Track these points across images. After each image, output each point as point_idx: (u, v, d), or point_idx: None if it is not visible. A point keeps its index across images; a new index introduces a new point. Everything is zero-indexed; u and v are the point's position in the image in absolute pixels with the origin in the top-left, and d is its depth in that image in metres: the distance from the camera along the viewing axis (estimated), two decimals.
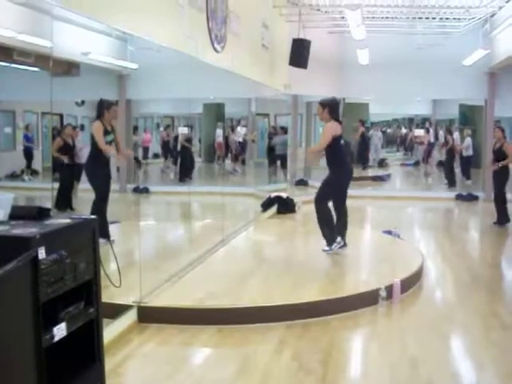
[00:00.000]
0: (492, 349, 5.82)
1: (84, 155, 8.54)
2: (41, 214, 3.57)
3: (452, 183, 18.73)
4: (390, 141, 30.46)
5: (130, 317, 6.10)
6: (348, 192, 8.83)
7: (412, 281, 7.78)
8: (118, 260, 4.57)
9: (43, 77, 5.56)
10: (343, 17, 13.82)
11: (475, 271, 9.01)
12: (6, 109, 9.36)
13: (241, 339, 5.95)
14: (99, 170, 7.93)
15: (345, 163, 8.78)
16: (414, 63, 16.62)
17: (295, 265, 8.28)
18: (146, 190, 11.93)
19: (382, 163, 24.57)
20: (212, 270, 8.00)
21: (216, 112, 16.62)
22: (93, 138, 7.93)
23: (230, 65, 9.81)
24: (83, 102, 10.03)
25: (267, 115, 19.01)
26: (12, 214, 3.52)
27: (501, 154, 12.31)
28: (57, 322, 3.27)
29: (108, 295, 4.41)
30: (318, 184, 8.78)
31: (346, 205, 8.81)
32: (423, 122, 25.85)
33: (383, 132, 27.63)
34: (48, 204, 5.67)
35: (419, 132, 23.88)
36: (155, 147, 16.38)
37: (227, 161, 17.28)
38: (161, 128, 16.96)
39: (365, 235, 11.30)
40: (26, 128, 9.57)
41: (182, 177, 14.97)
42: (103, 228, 6.60)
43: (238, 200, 14.05)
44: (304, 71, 13.90)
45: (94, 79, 8.51)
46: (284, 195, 13.98)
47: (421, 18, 15.32)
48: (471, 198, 16.87)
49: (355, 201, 8.76)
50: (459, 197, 17.11)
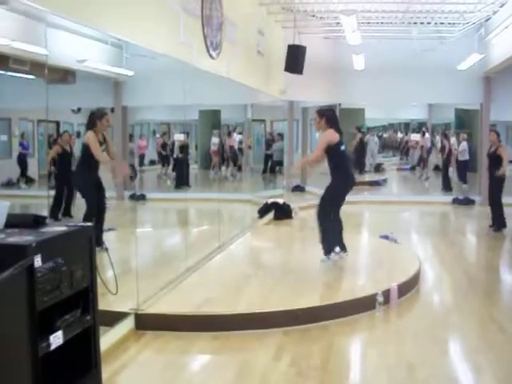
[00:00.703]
0: (489, 352, 5.82)
1: None
2: (37, 222, 3.56)
3: (447, 188, 18.73)
4: (387, 146, 30.49)
5: (127, 324, 6.09)
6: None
7: (409, 285, 7.77)
8: (115, 267, 4.57)
9: (39, 84, 5.55)
10: (338, 22, 13.85)
11: (472, 275, 9.01)
12: (2, 116, 9.37)
13: (238, 346, 5.94)
14: (89, 181, 7.89)
15: (347, 172, 8.64)
16: (410, 68, 16.65)
17: (292, 271, 8.27)
18: (143, 197, 11.93)
19: (379, 168, 24.58)
20: (209, 277, 7.99)
21: (212, 118, 16.64)
22: (85, 149, 7.82)
23: (226, 71, 9.82)
24: (79, 110, 10.03)
25: (263, 121, 19.04)
26: (8, 222, 3.52)
27: (495, 158, 12.32)
28: (53, 330, 3.27)
29: (105, 303, 4.41)
30: (315, 190, 8.75)
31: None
32: (419, 127, 25.88)
33: (379, 137, 27.65)
34: (44, 211, 5.67)
35: (415, 136, 23.92)
36: (151, 154, 16.38)
37: (223, 167, 17.29)
38: (157, 135, 16.97)
39: (362, 240, 11.30)
40: (22, 136, 9.57)
41: (178, 184, 14.97)
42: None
43: (235, 206, 14.05)
44: (300, 77, 13.92)
45: (90, 86, 8.52)
46: (281, 201, 13.98)
47: (416, 23, 15.37)
48: (468, 202, 16.89)
49: (352, 206, 8.75)
50: (456, 201, 17.13)
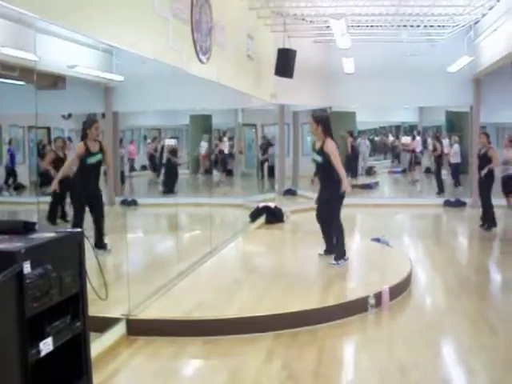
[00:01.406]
0: (482, 354, 5.84)
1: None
2: (26, 228, 3.55)
3: (441, 190, 18.78)
4: (378, 149, 30.53)
5: (119, 330, 6.08)
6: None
7: (401, 288, 7.79)
8: (107, 273, 4.56)
9: (29, 90, 5.54)
10: (328, 26, 13.86)
11: (464, 277, 9.03)
12: None
13: (230, 350, 5.94)
14: (80, 190, 7.91)
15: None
16: (400, 71, 16.71)
17: (283, 274, 8.27)
18: (134, 203, 11.90)
19: (370, 171, 24.63)
20: (200, 281, 7.98)
21: (203, 123, 16.59)
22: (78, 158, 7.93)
23: (216, 76, 9.82)
24: (70, 115, 9.99)
25: (254, 125, 19.03)
26: None
27: (486, 160, 12.39)
28: (43, 337, 3.25)
29: (96, 308, 4.39)
30: (306, 193, 8.73)
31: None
32: (410, 130, 25.93)
33: (370, 140, 27.68)
34: (35, 218, 5.65)
35: (406, 139, 23.97)
36: (142, 159, 16.34)
37: (215, 172, 17.26)
38: (148, 140, 16.93)
39: (353, 243, 11.30)
40: (9, 143, 9.54)
41: (167, 189, 14.92)
42: None
43: (226, 211, 14.04)
44: (290, 81, 13.95)
45: (81, 92, 8.49)
46: (272, 205, 13.98)
47: (405, 26, 15.41)
48: (459, 204, 16.95)
49: (343, 209, 8.74)
50: (447, 203, 17.18)
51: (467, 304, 7.56)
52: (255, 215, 13.39)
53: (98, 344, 5.44)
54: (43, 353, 3.22)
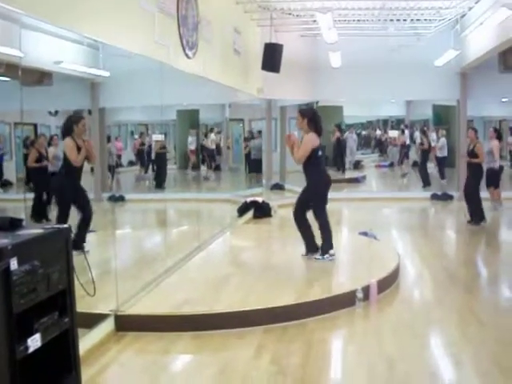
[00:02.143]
0: (469, 346, 5.87)
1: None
2: (13, 225, 3.54)
3: (427, 183, 18.86)
4: (365, 143, 30.61)
5: (107, 326, 6.07)
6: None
7: (389, 281, 7.81)
8: (95, 269, 4.56)
9: (14, 86, 5.51)
10: (315, 20, 13.86)
11: (451, 270, 9.07)
12: None
13: (219, 344, 5.94)
14: (65, 187, 7.83)
15: (322, 176, 8.64)
16: (387, 65, 16.72)
17: (272, 269, 8.28)
18: (122, 198, 11.87)
19: (358, 165, 24.71)
20: (189, 277, 7.98)
21: (190, 118, 16.59)
22: (64, 156, 7.80)
23: (203, 70, 9.80)
24: (57, 112, 9.96)
25: (242, 120, 19.03)
26: None
27: (474, 155, 12.44)
28: (31, 333, 3.25)
29: (84, 304, 4.39)
30: (294, 188, 8.70)
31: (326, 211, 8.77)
32: (398, 124, 26.02)
33: (358, 134, 27.75)
34: (22, 215, 5.63)
35: (393, 133, 24.04)
36: (130, 155, 16.30)
37: (202, 167, 17.26)
38: (135, 136, 16.90)
39: (341, 237, 11.31)
40: None
41: (158, 184, 14.91)
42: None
43: (214, 206, 14.05)
44: (277, 75, 13.94)
45: (67, 88, 8.46)
46: (260, 200, 13.98)
47: (392, 20, 15.42)
48: (446, 198, 17.01)
49: (331, 203, 8.74)
50: (434, 196, 17.25)
51: (455, 297, 7.60)
52: (243, 210, 13.39)
53: (87, 340, 5.43)
54: (31, 349, 3.22)
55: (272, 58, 13.43)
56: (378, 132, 29.83)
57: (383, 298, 7.41)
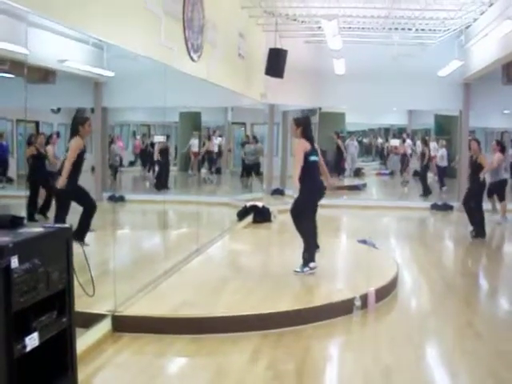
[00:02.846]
0: (466, 358, 5.86)
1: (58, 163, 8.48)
2: (14, 223, 3.54)
3: (427, 192, 18.86)
4: (366, 150, 30.61)
5: (105, 326, 6.06)
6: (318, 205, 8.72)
7: (387, 290, 7.81)
8: (93, 269, 4.56)
9: (18, 84, 5.52)
10: (320, 27, 13.88)
11: (450, 280, 9.07)
12: None
13: (215, 348, 5.94)
14: (70, 186, 7.85)
15: (314, 182, 8.47)
16: (390, 74, 16.72)
17: (270, 274, 8.28)
18: (122, 199, 11.87)
19: (358, 172, 24.70)
20: (187, 279, 7.97)
21: (192, 121, 16.60)
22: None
23: (206, 74, 9.81)
24: (59, 110, 9.98)
25: (244, 124, 19.04)
26: None
27: (477, 167, 12.37)
28: (29, 332, 3.25)
29: (82, 304, 4.39)
30: (294, 194, 8.64)
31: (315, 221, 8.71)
32: (399, 132, 26.02)
33: (359, 142, 27.75)
34: (23, 212, 5.64)
35: (395, 142, 24.04)
36: (131, 155, 16.33)
37: (203, 170, 17.26)
38: (137, 136, 16.93)
39: (340, 244, 11.33)
40: (1, 136, 9.51)
41: (159, 185, 14.92)
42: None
43: (214, 209, 14.04)
44: (280, 81, 13.96)
45: (71, 87, 8.47)
46: (260, 204, 13.97)
47: (397, 29, 15.46)
48: (446, 208, 17.00)
49: (330, 210, 8.78)
50: (434, 206, 17.23)
51: (452, 308, 7.60)
52: (243, 214, 13.39)
53: (84, 340, 5.42)
54: (29, 348, 3.22)
55: (276, 64, 13.45)
56: (380, 140, 29.84)
57: (381, 307, 7.40)
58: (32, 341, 3.25)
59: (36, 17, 5.04)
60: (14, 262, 3.06)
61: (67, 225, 3.80)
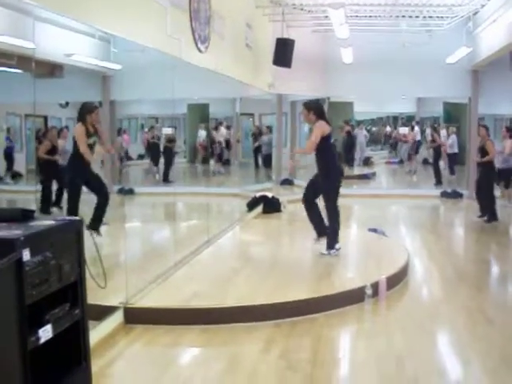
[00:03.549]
0: (478, 344, 5.86)
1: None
2: (25, 216, 3.55)
3: (439, 181, 18.80)
4: (375, 139, 30.50)
5: (116, 318, 6.08)
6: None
7: (398, 278, 7.81)
8: (105, 261, 4.56)
9: (26, 78, 5.53)
10: (327, 16, 13.82)
11: (461, 268, 9.06)
12: None
13: (228, 339, 5.95)
14: (77, 173, 7.89)
15: (334, 167, 8.61)
16: (398, 61, 16.66)
17: (281, 264, 8.29)
18: (131, 191, 11.87)
19: (367, 161, 24.62)
20: (198, 271, 8.00)
21: (200, 112, 16.58)
22: (74, 141, 7.91)
23: (214, 65, 9.80)
24: (67, 104, 9.97)
25: (252, 115, 19.01)
26: None
27: (485, 152, 12.39)
28: (42, 324, 3.26)
29: (94, 297, 4.40)
30: (303, 184, 8.67)
31: (338, 204, 8.74)
32: (408, 120, 25.90)
33: (368, 130, 27.66)
34: (32, 206, 5.65)
35: (404, 130, 23.94)
36: (140, 148, 16.32)
37: (212, 161, 17.25)
38: (145, 129, 16.91)
39: (350, 233, 11.31)
40: (8, 131, 9.53)
41: (166, 177, 14.91)
42: None
43: (224, 200, 14.05)
44: (288, 70, 13.94)
45: (78, 80, 8.47)
46: (269, 195, 13.98)
47: (404, 17, 15.36)
48: (456, 195, 16.96)
49: (341, 199, 8.72)
50: (444, 194, 17.20)
51: (464, 295, 7.58)
52: (252, 205, 13.38)
53: (96, 332, 5.44)
54: (42, 340, 3.23)
55: (283, 53, 13.42)
56: (388, 129, 29.72)
57: (392, 295, 7.40)
58: (46, 333, 3.26)
59: (43, 11, 5.04)
60: (26, 255, 3.07)
61: (78, 217, 3.80)
